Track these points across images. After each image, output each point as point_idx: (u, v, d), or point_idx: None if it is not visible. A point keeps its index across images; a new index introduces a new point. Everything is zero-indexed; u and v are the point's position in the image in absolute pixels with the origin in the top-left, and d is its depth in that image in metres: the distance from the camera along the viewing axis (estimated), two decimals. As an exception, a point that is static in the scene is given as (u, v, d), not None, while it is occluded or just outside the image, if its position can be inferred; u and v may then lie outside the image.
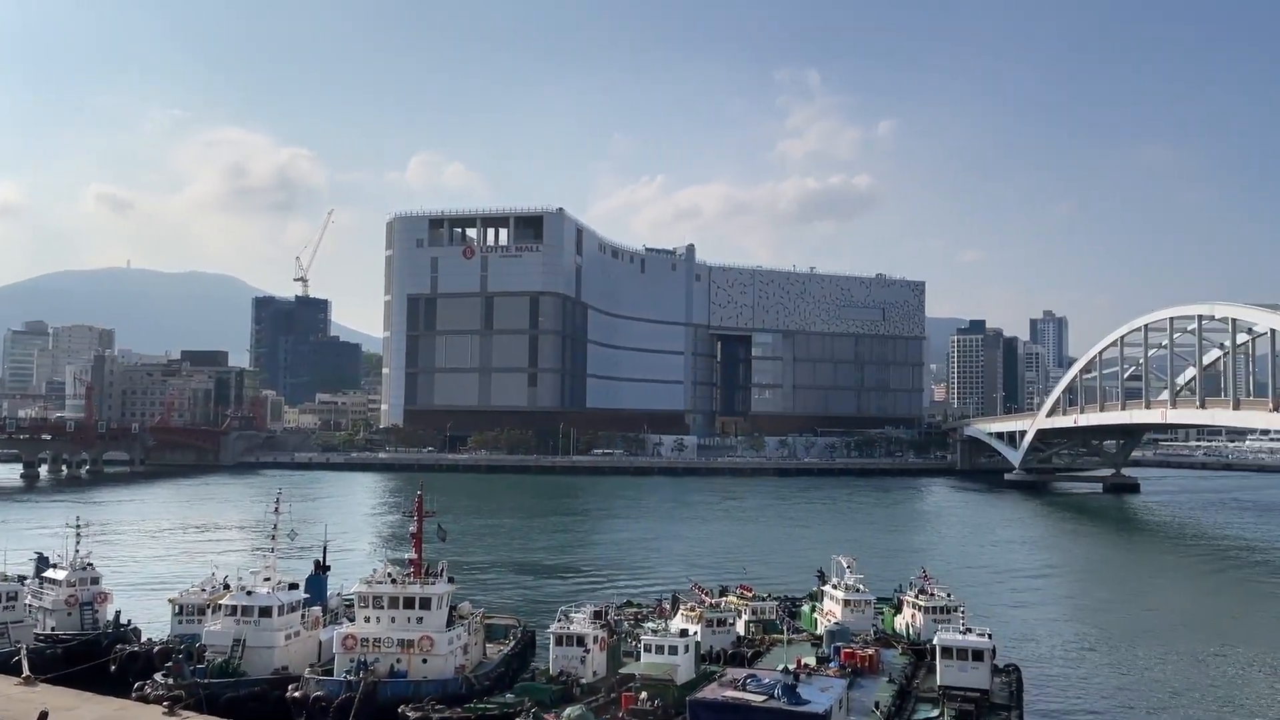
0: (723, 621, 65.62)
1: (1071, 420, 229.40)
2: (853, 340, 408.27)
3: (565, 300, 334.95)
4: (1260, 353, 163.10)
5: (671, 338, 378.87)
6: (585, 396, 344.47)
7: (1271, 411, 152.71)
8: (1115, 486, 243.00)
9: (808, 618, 73.38)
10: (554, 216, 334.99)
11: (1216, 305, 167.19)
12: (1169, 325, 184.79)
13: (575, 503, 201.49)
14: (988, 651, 53.72)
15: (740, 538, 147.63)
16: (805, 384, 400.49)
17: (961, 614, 65.63)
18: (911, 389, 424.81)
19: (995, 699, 52.79)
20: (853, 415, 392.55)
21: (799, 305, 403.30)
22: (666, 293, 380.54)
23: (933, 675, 54.96)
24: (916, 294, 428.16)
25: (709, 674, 54.28)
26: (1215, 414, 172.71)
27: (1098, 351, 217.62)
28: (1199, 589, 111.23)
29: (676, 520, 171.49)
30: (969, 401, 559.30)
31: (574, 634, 56.50)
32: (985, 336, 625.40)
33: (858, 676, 55.21)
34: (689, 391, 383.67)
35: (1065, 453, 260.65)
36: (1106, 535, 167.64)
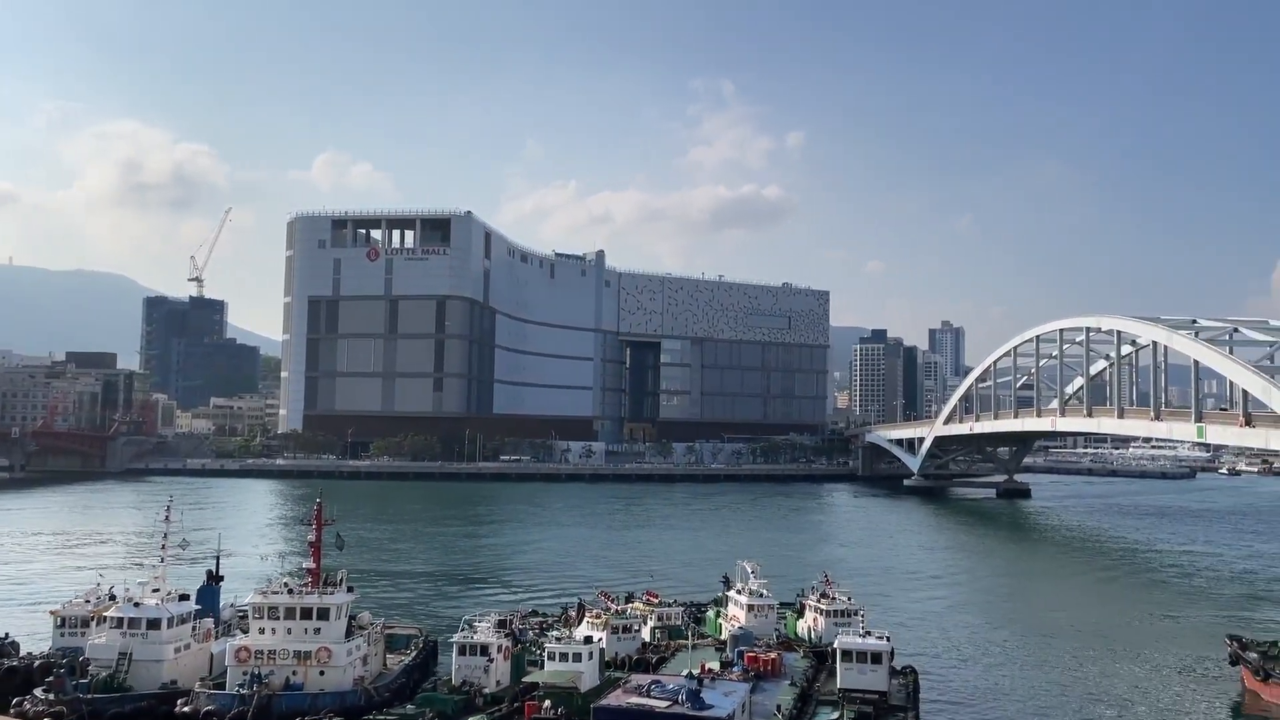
0: (628, 628, 65.56)
1: (967, 428, 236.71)
2: (760, 348, 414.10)
3: (473, 305, 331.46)
4: (1143, 364, 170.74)
5: (580, 344, 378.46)
6: (492, 402, 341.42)
7: (1153, 420, 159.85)
8: (1008, 492, 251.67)
9: (712, 623, 73.95)
10: (462, 219, 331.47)
11: (1103, 318, 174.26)
12: (1059, 336, 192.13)
13: (481, 510, 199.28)
14: (886, 654, 54.88)
15: (647, 544, 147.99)
16: (713, 390, 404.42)
17: (861, 617, 66.97)
18: (816, 396, 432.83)
19: (893, 700, 53.92)
20: (759, 421, 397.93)
21: (708, 312, 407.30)
22: (576, 298, 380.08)
23: (833, 678, 55.87)
24: (821, 303, 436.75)
25: (614, 681, 54.15)
26: (1101, 422, 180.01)
27: (992, 361, 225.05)
28: (1086, 591, 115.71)
29: (584, 527, 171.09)
30: (871, 409, 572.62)
31: (477, 643, 55.77)
32: (886, 345, 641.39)
33: (760, 680, 55.86)
34: (597, 398, 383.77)
35: (961, 459, 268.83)
36: (1000, 539, 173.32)
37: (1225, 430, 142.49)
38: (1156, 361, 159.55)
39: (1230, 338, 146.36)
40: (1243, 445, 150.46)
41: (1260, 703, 64.33)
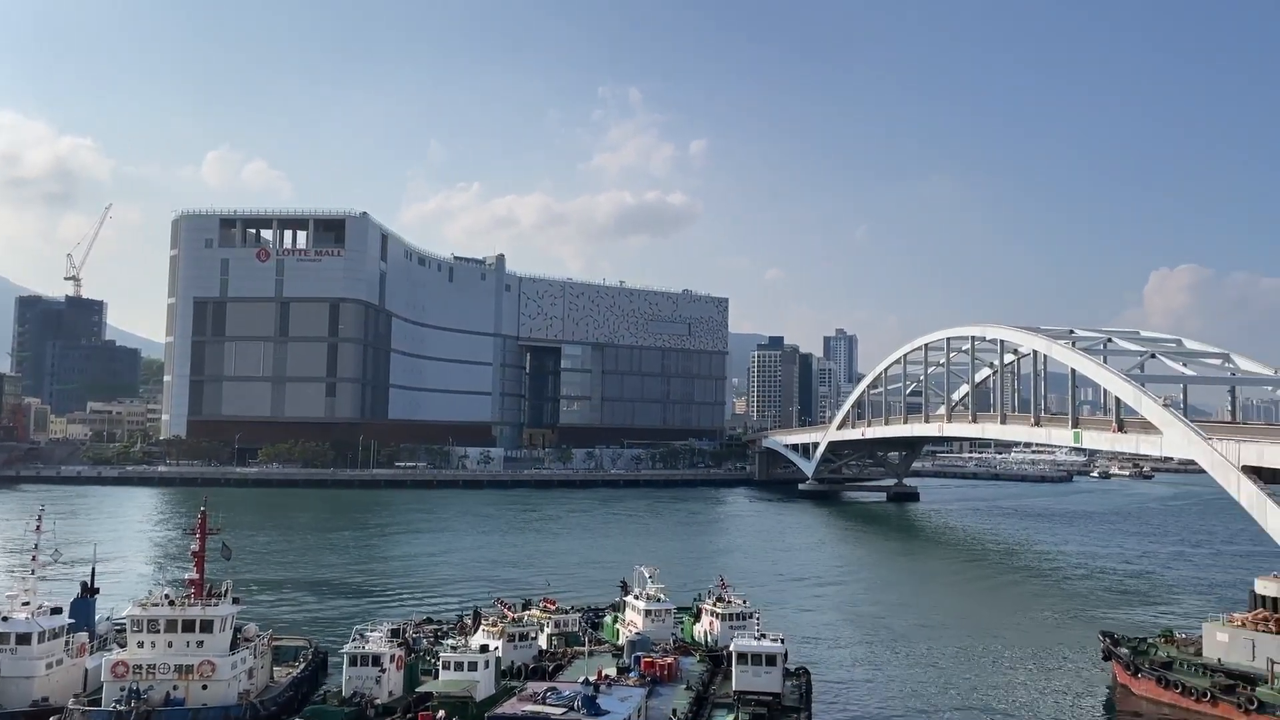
0: (525, 636, 65.16)
1: (860, 433, 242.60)
2: (660, 354, 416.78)
3: (368, 308, 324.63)
4: (1024, 371, 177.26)
5: (479, 348, 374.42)
6: (387, 407, 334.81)
7: (1033, 426, 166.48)
8: (898, 495, 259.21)
9: (610, 628, 73.97)
10: (357, 220, 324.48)
11: (988, 327, 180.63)
12: (946, 345, 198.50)
13: (374, 517, 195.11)
14: (780, 656, 55.70)
15: (546, 550, 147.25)
16: (613, 396, 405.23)
17: (757, 620, 68.01)
18: (714, 402, 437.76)
19: (787, 701, 54.77)
20: (659, 427, 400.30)
21: (609, 318, 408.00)
22: (475, 302, 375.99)
23: (729, 681, 56.45)
24: (721, 310, 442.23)
25: (509, 689, 53.76)
26: (985, 427, 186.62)
27: (884, 368, 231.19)
28: (969, 591, 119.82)
29: (481, 534, 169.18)
30: (768, 414, 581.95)
31: (369, 653, 54.66)
32: (783, 352, 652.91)
33: (657, 685, 56.14)
34: (496, 403, 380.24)
35: (854, 463, 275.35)
36: (890, 541, 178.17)
37: (1099, 435, 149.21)
38: (1037, 370, 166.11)
39: (1105, 347, 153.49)
40: (1115, 450, 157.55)
41: (1130, 696, 67.63)
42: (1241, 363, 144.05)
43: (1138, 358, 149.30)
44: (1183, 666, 67.03)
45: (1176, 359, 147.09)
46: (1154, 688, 66.15)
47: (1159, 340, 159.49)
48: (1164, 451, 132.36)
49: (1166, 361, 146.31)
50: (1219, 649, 67.45)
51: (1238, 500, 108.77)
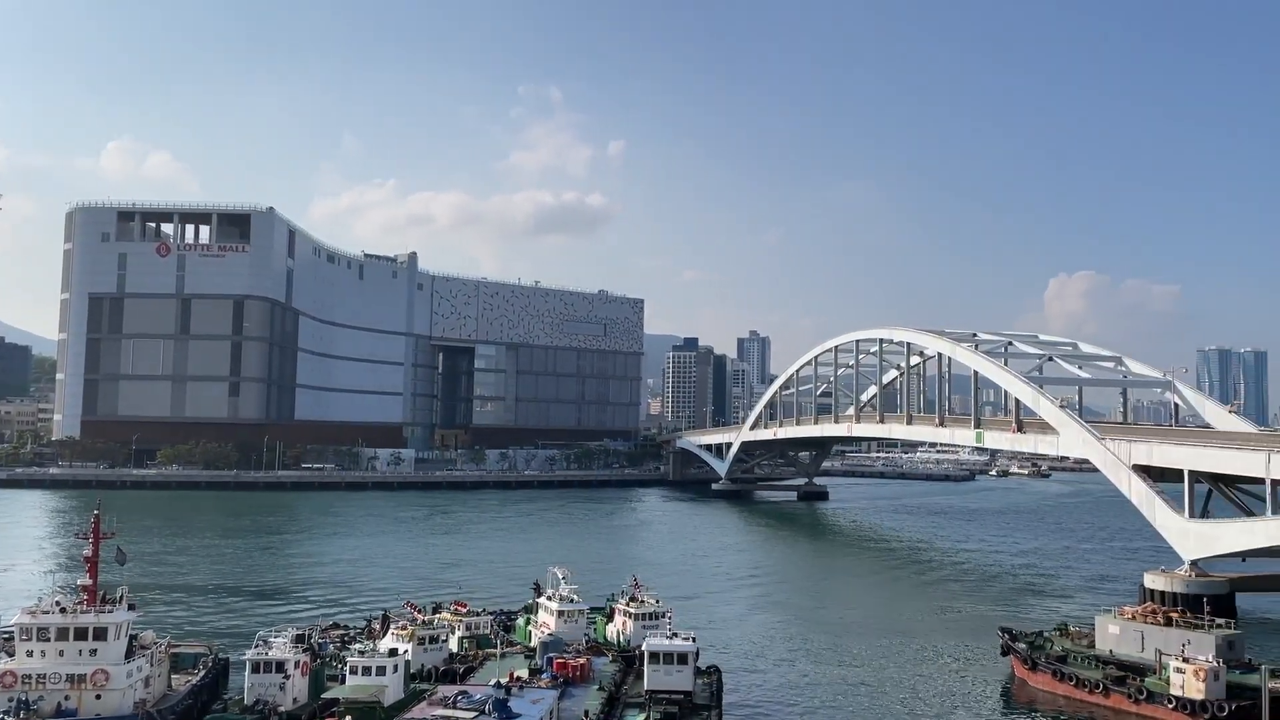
0: (435, 639, 64.26)
1: (772, 433, 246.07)
2: (575, 354, 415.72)
3: (274, 305, 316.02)
4: (930, 373, 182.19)
5: (390, 348, 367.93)
6: (294, 408, 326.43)
7: (938, 426, 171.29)
8: (808, 494, 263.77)
9: (522, 630, 73.48)
10: (263, 215, 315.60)
11: (895, 330, 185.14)
12: (856, 347, 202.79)
13: (279, 520, 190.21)
14: (691, 654, 56.06)
15: (458, 552, 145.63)
16: (528, 397, 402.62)
17: (669, 619, 68.27)
18: (629, 403, 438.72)
19: (697, 700, 55.15)
20: (573, 428, 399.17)
21: (524, 318, 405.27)
22: (386, 301, 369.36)
23: (641, 680, 56.60)
24: (636, 311, 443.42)
25: (419, 693, 53.00)
26: (892, 428, 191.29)
27: (795, 370, 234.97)
28: (875, 587, 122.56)
29: (391, 536, 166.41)
30: (682, 415, 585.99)
31: (272, 659, 53.24)
32: (698, 353, 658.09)
33: (569, 686, 56.00)
34: (408, 403, 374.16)
35: (766, 463, 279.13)
36: (799, 540, 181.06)
37: (1000, 435, 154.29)
38: (942, 372, 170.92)
39: (1006, 350, 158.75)
40: (1015, 449, 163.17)
41: (1027, 689, 69.99)
42: (1133, 366, 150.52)
43: (1037, 360, 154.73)
44: (1077, 659, 69.58)
45: (1073, 362, 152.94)
46: (1050, 680, 68.55)
47: (1057, 344, 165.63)
48: (1060, 451, 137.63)
49: (1063, 364, 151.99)
50: (1111, 641, 70.21)
51: (1129, 497, 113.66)
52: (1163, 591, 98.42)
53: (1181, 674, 60.51)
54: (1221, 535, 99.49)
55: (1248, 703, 55.67)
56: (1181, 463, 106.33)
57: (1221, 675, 59.92)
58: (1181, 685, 60.29)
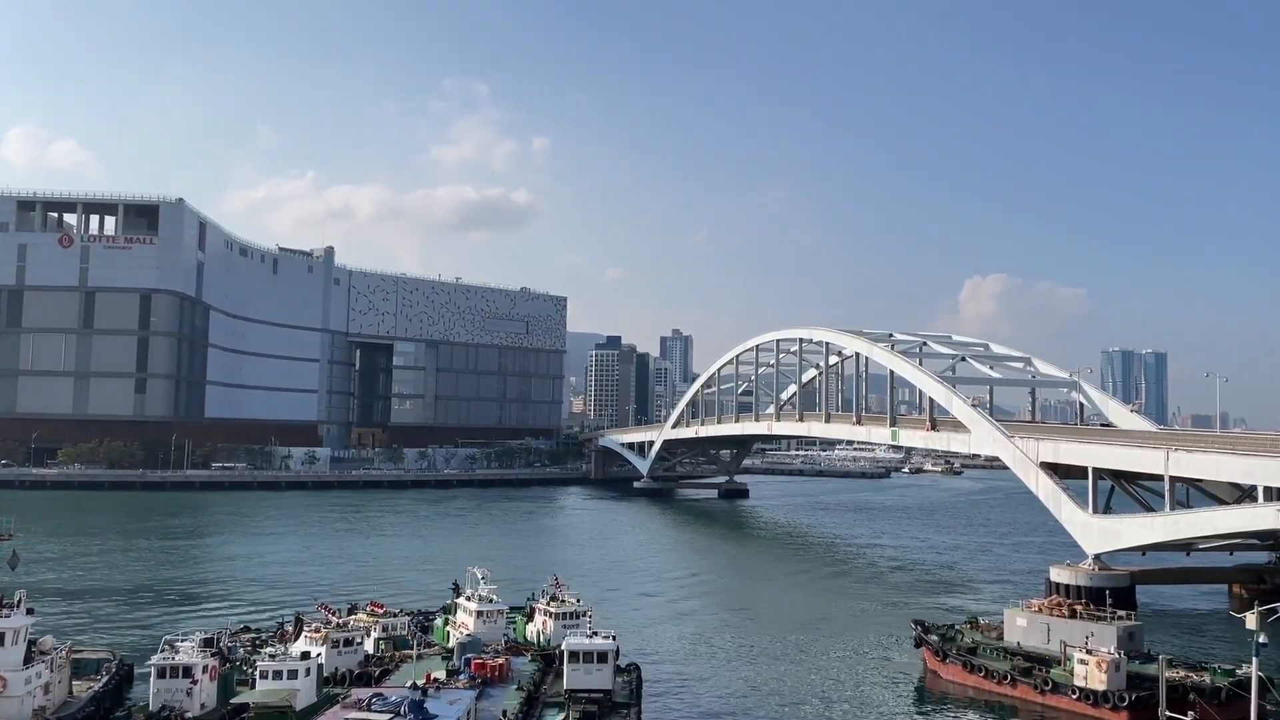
0: (350, 641, 62.95)
1: (694, 431, 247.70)
2: (497, 352, 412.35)
3: (183, 300, 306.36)
4: (848, 373, 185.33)
5: (306, 344, 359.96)
6: (204, 405, 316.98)
7: (855, 424, 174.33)
8: (729, 492, 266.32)
9: (440, 631, 72.56)
10: (172, 206, 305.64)
11: (815, 330, 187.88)
12: (776, 346, 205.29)
13: (187, 521, 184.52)
14: (611, 653, 55.96)
15: (374, 553, 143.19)
16: (448, 395, 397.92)
17: (589, 618, 68.13)
18: (552, 401, 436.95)
19: (617, 698, 55.11)
20: (494, 426, 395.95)
21: (444, 315, 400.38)
22: (302, 296, 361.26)
23: (560, 679, 56.35)
24: (559, 309, 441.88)
25: (332, 697, 51.96)
26: (811, 426, 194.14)
27: (717, 368, 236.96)
28: (793, 583, 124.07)
29: (305, 536, 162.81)
30: (605, 413, 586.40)
31: (178, 664, 51.56)
32: (621, 352, 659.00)
33: (488, 686, 55.49)
34: (323, 401, 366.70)
35: (688, 461, 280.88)
36: (720, 537, 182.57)
37: (915, 434, 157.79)
38: (859, 371, 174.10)
39: (921, 350, 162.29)
40: (929, 447, 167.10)
41: (939, 681, 71.63)
42: (1041, 366, 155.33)
43: (950, 361, 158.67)
44: (986, 651, 71.45)
45: (984, 362, 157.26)
46: (960, 672, 70.27)
47: (969, 344, 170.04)
48: (972, 449, 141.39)
49: (975, 364, 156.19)
50: (1019, 633, 72.25)
51: (1036, 494, 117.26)
52: (1068, 585, 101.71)
53: (1085, 665, 62.55)
54: (1123, 530, 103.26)
55: (1146, 692, 57.77)
56: (1086, 460, 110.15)
57: (1122, 665, 62.13)
58: (1085, 676, 62.33)
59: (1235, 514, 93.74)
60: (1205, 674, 62.43)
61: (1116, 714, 60.07)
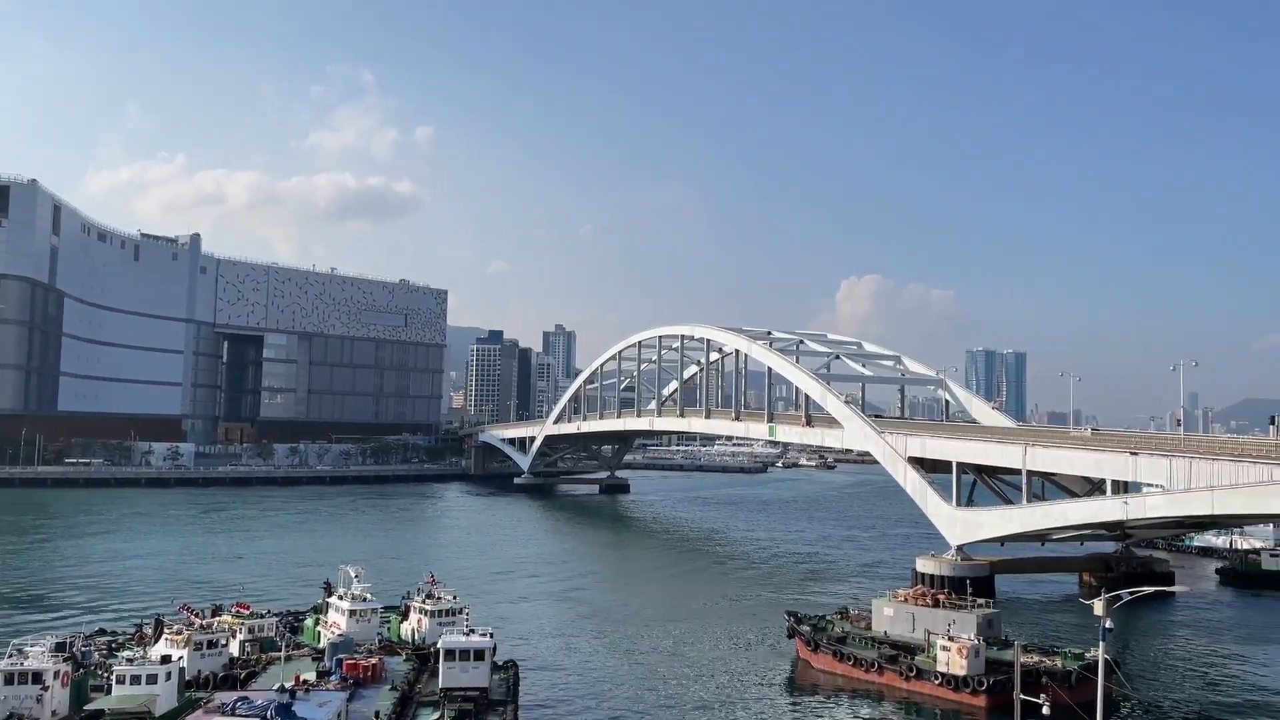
0: (213, 643, 60.65)
1: (575, 427, 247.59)
2: (373, 345, 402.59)
3: (35, 286, 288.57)
4: (728, 370, 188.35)
5: (169, 335, 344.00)
6: (57, 398, 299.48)
7: (734, 420, 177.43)
8: (610, 487, 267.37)
9: (310, 631, 70.61)
10: (24, 189, 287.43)
11: (696, 327, 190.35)
12: (659, 343, 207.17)
13: (38, 520, 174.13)
14: (488, 650, 55.46)
15: (241, 552, 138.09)
16: (321, 389, 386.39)
17: (466, 615, 67.36)
18: (431, 396, 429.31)
19: (494, 696, 54.65)
20: (370, 422, 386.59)
21: (318, 306, 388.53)
22: (165, 285, 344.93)
23: (435, 678, 55.51)
24: (440, 302, 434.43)
25: (194, 701, 50.00)
26: (691, 422, 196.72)
27: (600, 364, 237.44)
28: (672, 577, 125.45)
29: (166, 536, 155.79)
30: (486, 409, 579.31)
31: (28, 670, 48.75)
32: (503, 347, 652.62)
33: (360, 687, 54.33)
34: (188, 395, 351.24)
35: (569, 457, 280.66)
36: (600, 532, 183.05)
37: (791, 429, 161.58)
38: (739, 368, 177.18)
39: (798, 348, 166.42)
40: (805, 443, 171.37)
41: (810, 670, 73.54)
42: (910, 365, 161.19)
43: (825, 358, 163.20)
44: (855, 640, 73.74)
45: (858, 360, 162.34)
46: (830, 661, 72.33)
47: (843, 343, 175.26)
48: (845, 444, 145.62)
49: (849, 362, 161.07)
50: (886, 622, 74.84)
51: (904, 487, 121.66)
52: (932, 575, 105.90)
53: (947, 651, 65.25)
54: (984, 522, 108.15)
55: (1003, 677, 60.57)
56: (950, 455, 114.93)
57: (982, 652, 65.04)
58: (947, 662, 65.01)
59: (1086, 506, 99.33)
60: (1057, 658, 65.96)
61: (975, 698, 62.84)
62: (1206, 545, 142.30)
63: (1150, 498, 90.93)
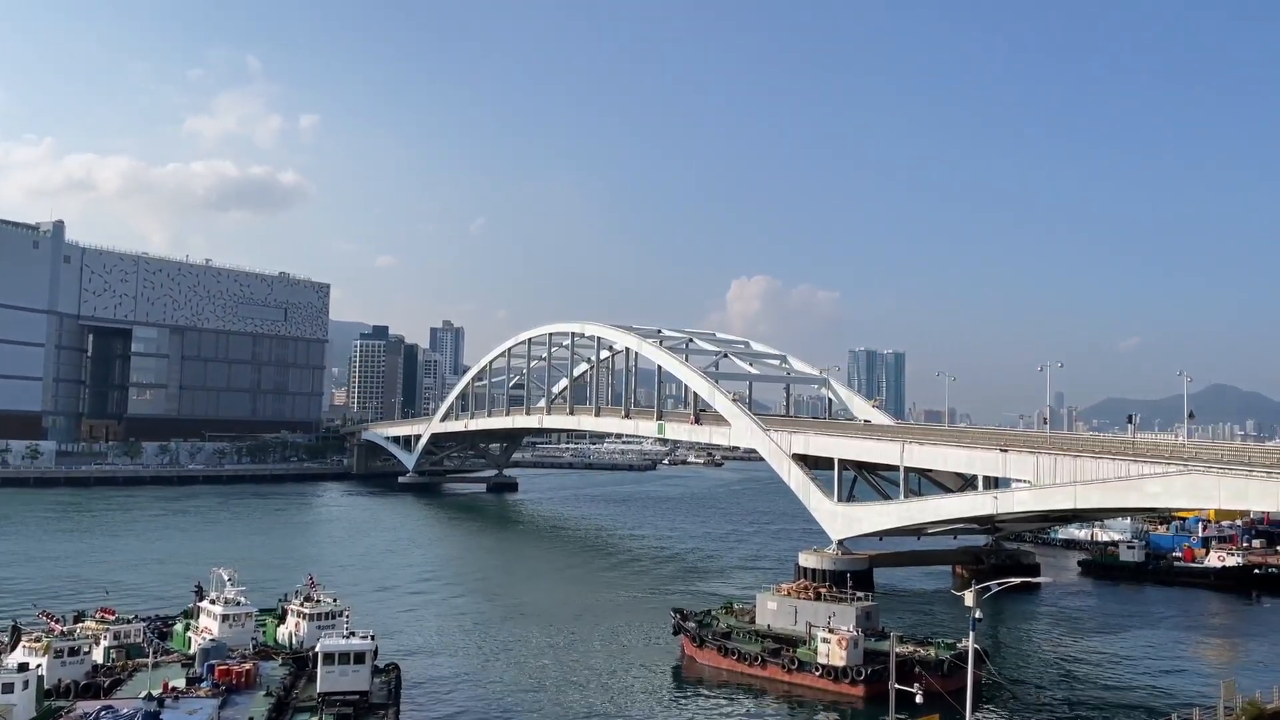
0: (75, 650, 57.64)
1: (463, 425, 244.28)
2: (251, 340, 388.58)
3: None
4: (618, 367, 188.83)
5: (28, 327, 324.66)
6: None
7: (624, 418, 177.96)
8: (497, 486, 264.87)
9: (180, 636, 67.79)
10: None
11: (587, 325, 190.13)
12: (549, 340, 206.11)
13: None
14: (369, 653, 54.23)
15: (107, 555, 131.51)
16: (194, 385, 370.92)
17: (347, 618, 65.71)
18: (311, 393, 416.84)
19: (374, 699, 53.49)
20: (247, 419, 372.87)
21: (191, 299, 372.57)
22: (24, 274, 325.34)
23: (314, 683, 53.96)
24: (321, 296, 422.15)
25: (54, 711, 47.50)
26: (581, 420, 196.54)
27: (488, 361, 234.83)
28: (559, 576, 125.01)
29: (23, 538, 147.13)
30: (370, 406, 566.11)
31: None
32: (388, 343, 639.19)
33: (232, 694, 52.47)
34: (49, 390, 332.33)
35: (456, 455, 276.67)
36: (487, 531, 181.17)
37: (680, 427, 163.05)
38: (629, 366, 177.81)
39: (687, 347, 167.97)
40: (694, 440, 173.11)
41: (696, 665, 74.30)
42: (796, 364, 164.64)
43: (714, 357, 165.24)
44: (739, 634, 74.85)
45: (745, 359, 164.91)
46: (715, 656, 73.22)
47: (731, 342, 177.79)
48: (732, 441, 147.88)
49: (737, 361, 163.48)
50: (769, 616, 76.21)
51: (789, 484, 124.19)
52: (814, 569, 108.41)
53: (827, 644, 66.85)
54: (863, 517, 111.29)
55: (880, 667, 62.39)
56: (832, 452, 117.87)
57: (860, 643, 66.88)
58: (827, 654, 66.61)
59: (959, 501, 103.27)
60: (930, 648, 68.31)
61: (854, 688, 64.56)
62: (1070, 538, 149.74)
63: (1018, 493, 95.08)
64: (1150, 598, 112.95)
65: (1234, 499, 75.53)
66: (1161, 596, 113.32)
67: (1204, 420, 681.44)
